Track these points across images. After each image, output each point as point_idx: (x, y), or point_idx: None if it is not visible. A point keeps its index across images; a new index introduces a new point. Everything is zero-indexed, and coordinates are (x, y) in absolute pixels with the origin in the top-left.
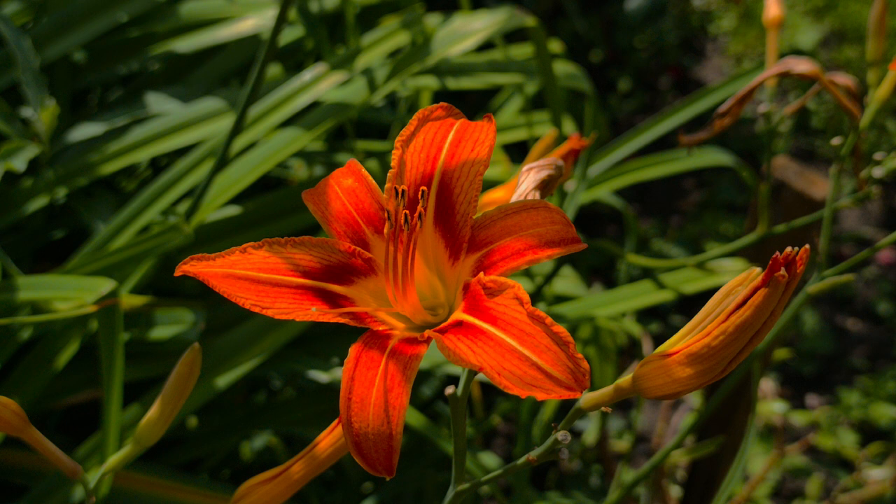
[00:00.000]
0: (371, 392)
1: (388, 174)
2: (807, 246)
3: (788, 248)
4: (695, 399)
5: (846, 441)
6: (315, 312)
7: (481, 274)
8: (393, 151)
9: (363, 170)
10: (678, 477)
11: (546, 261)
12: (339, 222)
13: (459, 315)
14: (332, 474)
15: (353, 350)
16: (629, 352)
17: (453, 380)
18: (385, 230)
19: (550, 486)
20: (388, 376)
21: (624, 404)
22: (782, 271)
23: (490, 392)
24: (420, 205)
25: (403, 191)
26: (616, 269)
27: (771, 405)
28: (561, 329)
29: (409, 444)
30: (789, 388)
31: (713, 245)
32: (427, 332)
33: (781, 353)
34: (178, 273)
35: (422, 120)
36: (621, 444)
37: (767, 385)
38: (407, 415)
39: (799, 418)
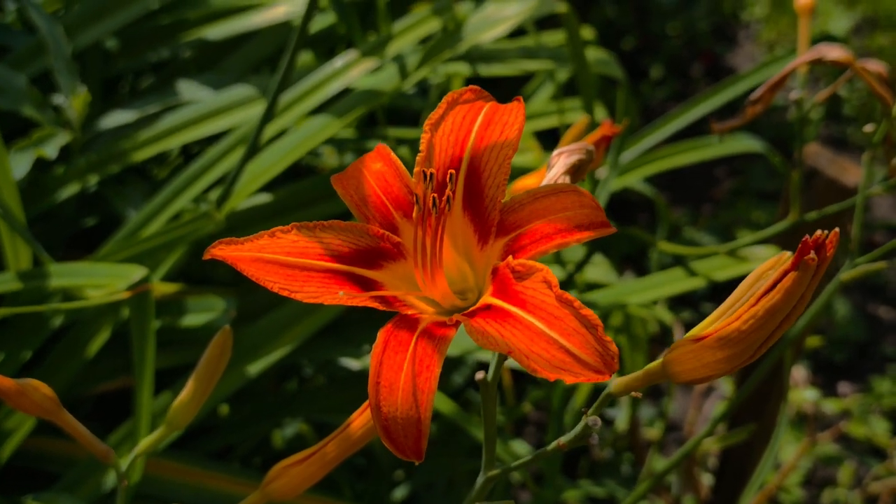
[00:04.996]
0: (400, 376)
1: (417, 158)
2: (836, 229)
3: (818, 232)
4: (726, 387)
5: (878, 429)
6: (343, 296)
7: (510, 258)
8: (422, 135)
9: (392, 154)
10: (709, 465)
11: (575, 244)
12: (368, 206)
13: (488, 299)
14: (364, 462)
15: (381, 334)
16: (660, 340)
17: (484, 367)
18: (414, 214)
19: (582, 475)
20: (417, 360)
21: (655, 392)
22: (812, 254)
23: (521, 380)
24: (448, 188)
25: (432, 174)
26: (647, 257)
27: (802, 393)
28: (589, 312)
29: (439, 432)
30: (821, 376)
31: (745, 233)
32: (455, 316)
33: (813, 341)
34: (206, 257)
35: (451, 103)
36: (653, 433)
37: (799, 373)
38: (438, 402)
39: (830, 406)
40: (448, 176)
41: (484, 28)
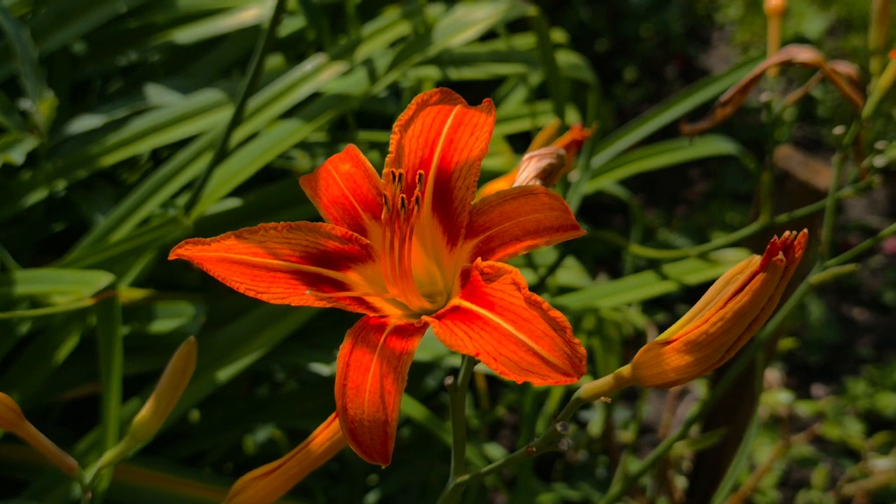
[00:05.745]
0: (367, 378)
1: (386, 159)
2: (805, 231)
3: (787, 233)
4: (700, 389)
5: (852, 431)
6: (310, 296)
7: (479, 259)
8: (391, 136)
9: (361, 155)
10: (684, 468)
11: (544, 247)
12: (337, 208)
13: (456, 301)
14: (337, 467)
15: (348, 336)
16: (635, 342)
17: (456, 372)
18: (382, 216)
19: (557, 477)
20: (384, 362)
21: (630, 395)
22: (780, 256)
23: (495, 383)
24: (417, 189)
25: (401, 175)
26: (621, 260)
27: (776, 395)
28: (558, 314)
29: (413, 435)
30: (795, 378)
31: (719, 235)
32: (424, 318)
33: (787, 343)
34: (172, 257)
35: (420, 105)
36: (627, 435)
37: (773, 375)
38: (410, 407)
39: (805, 408)
40: (417, 177)
41: (454, 31)
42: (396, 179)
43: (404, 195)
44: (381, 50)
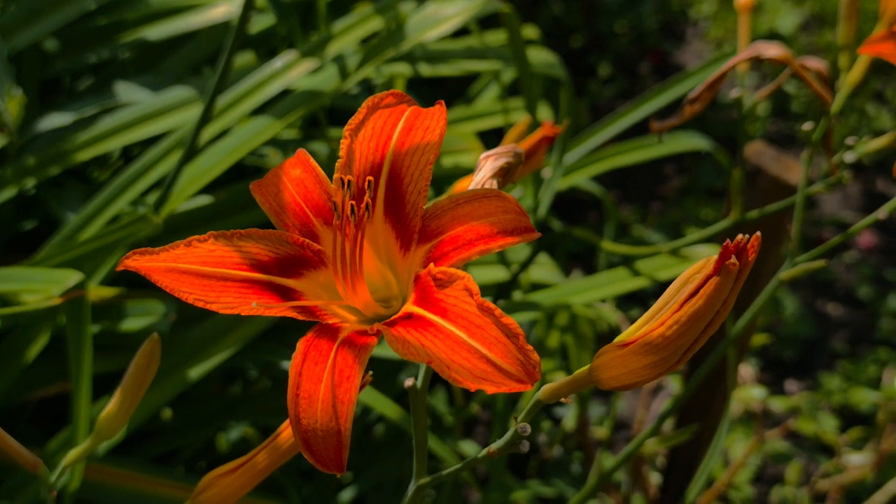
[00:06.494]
0: (319, 388)
1: (336, 164)
2: (758, 234)
3: (739, 236)
4: (675, 385)
5: (827, 426)
6: (259, 307)
7: (431, 265)
8: (342, 140)
9: (311, 160)
10: (658, 464)
11: (499, 250)
12: (288, 214)
13: (409, 307)
14: (310, 465)
15: (300, 345)
16: (608, 338)
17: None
18: (333, 221)
19: (532, 474)
20: (337, 371)
21: (605, 391)
22: (733, 259)
23: None
24: (367, 195)
25: (350, 181)
26: (596, 256)
27: (750, 391)
28: (510, 321)
29: (387, 433)
30: (770, 374)
31: (693, 230)
32: (376, 326)
33: (760, 339)
34: (119, 268)
35: (371, 108)
36: (602, 431)
37: (747, 371)
38: (383, 405)
39: (779, 404)
40: (366, 183)
41: (426, 27)
42: (346, 186)
43: (354, 201)
44: (352, 46)
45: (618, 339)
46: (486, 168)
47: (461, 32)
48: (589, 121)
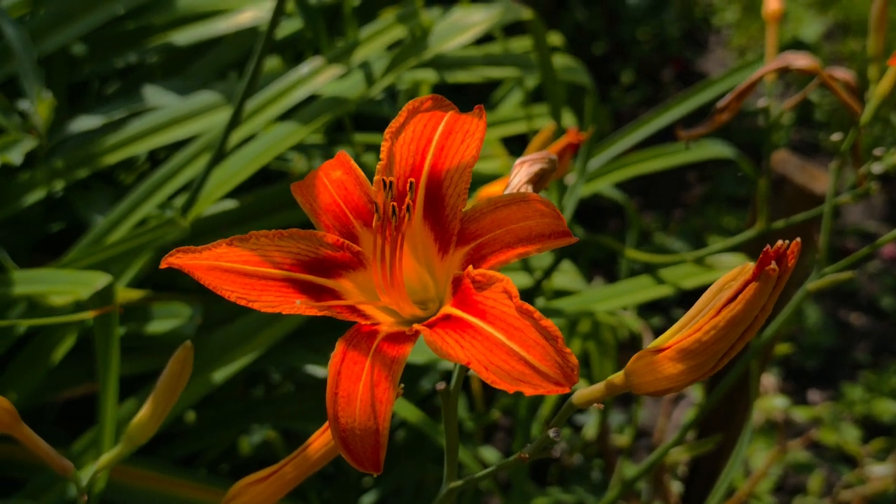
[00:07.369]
0: (358, 387)
1: (378, 166)
2: (798, 239)
3: (780, 242)
4: (696, 394)
5: (849, 436)
6: (301, 305)
7: (470, 267)
8: (382, 143)
9: (352, 161)
10: (680, 473)
11: (536, 254)
12: (328, 215)
13: (448, 309)
14: (331, 469)
15: (339, 345)
16: (630, 346)
17: (451, 375)
18: (374, 223)
19: (552, 481)
20: (375, 371)
21: (625, 399)
22: (773, 265)
23: (490, 387)
24: (408, 197)
25: (392, 182)
26: (618, 263)
27: (772, 401)
28: (549, 323)
29: (408, 437)
30: (792, 384)
31: (715, 238)
32: (415, 326)
33: (783, 349)
34: (163, 265)
35: (411, 112)
36: (623, 439)
37: (769, 380)
38: (404, 409)
39: (801, 414)
40: (408, 185)
41: (450, 35)
42: (387, 187)
43: (395, 203)
44: (377, 53)
45: (652, 344)
46: (521, 173)
47: (484, 40)
48: (611, 128)
